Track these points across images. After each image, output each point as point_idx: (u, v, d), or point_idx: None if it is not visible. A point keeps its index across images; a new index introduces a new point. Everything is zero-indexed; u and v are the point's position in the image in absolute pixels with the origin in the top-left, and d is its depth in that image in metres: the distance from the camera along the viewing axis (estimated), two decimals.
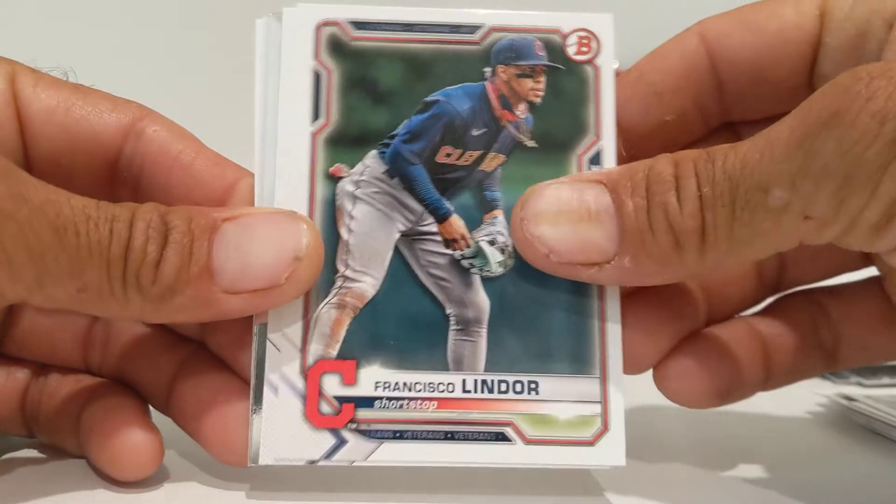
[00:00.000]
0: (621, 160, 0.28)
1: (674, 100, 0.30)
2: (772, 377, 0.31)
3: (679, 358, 0.30)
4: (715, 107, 0.30)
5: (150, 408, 0.30)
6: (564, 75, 0.29)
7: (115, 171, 0.29)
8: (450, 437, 0.27)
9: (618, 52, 0.29)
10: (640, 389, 0.31)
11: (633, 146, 0.29)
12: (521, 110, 0.29)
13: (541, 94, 0.29)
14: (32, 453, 0.31)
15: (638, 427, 0.36)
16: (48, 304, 0.25)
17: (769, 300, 0.33)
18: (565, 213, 0.26)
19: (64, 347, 0.31)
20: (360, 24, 0.29)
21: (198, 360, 0.29)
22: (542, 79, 0.29)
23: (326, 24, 0.29)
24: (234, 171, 0.29)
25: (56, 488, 0.28)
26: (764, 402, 0.41)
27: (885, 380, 0.43)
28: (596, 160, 0.28)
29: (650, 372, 0.31)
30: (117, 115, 0.28)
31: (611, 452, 0.27)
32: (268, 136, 0.28)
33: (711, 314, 0.31)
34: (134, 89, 0.30)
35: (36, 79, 0.28)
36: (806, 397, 0.40)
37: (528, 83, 0.29)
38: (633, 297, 0.29)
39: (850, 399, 0.36)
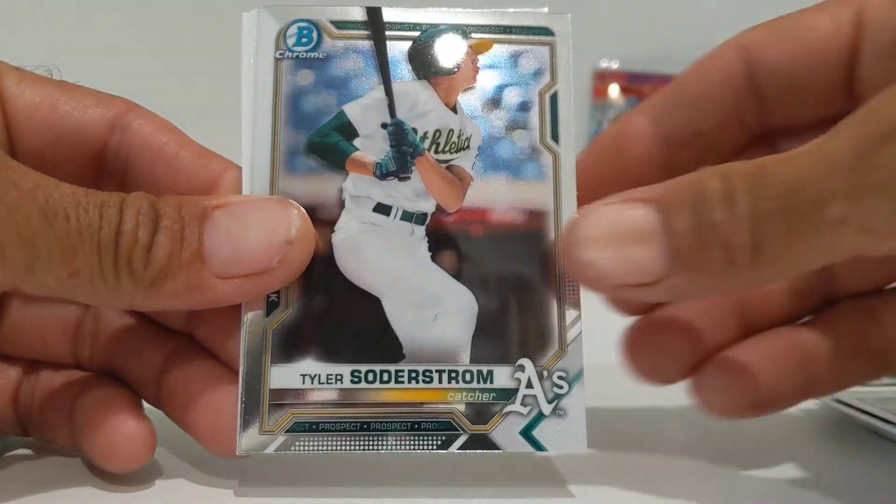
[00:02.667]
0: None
1: (712, 108, 0.31)
2: (817, 385, 0.31)
3: (713, 371, 0.30)
4: (753, 115, 0.31)
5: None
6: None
7: (100, 166, 0.29)
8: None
9: (615, 53, 0.29)
10: (630, 385, 0.31)
11: (671, 154, 0.30)
12: None
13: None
14: (27, 452, 0.31)
15: (629, 422, 0.36)
16: (40, 290, 0.25)
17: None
18: (613, 235, 0.26)
19: (54, 343, 0.31)
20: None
21: (186, 352, 0.29)
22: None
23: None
24: (219, 162, 0.29)
25: (50, 487, 0.28)
26: None
27: (885, 379, 0.42)
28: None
29: (629, 362, 0.31)
30: (102, 109, 0.29)
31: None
32: (257, 130, 0.28)
33: (749, 326, 0.31)
34: (119, 86, 0.30)
35: (20, 76, 0.28)
36: None
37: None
38: (661, 310, 0.30)
39: (849, 399, 0.36)
